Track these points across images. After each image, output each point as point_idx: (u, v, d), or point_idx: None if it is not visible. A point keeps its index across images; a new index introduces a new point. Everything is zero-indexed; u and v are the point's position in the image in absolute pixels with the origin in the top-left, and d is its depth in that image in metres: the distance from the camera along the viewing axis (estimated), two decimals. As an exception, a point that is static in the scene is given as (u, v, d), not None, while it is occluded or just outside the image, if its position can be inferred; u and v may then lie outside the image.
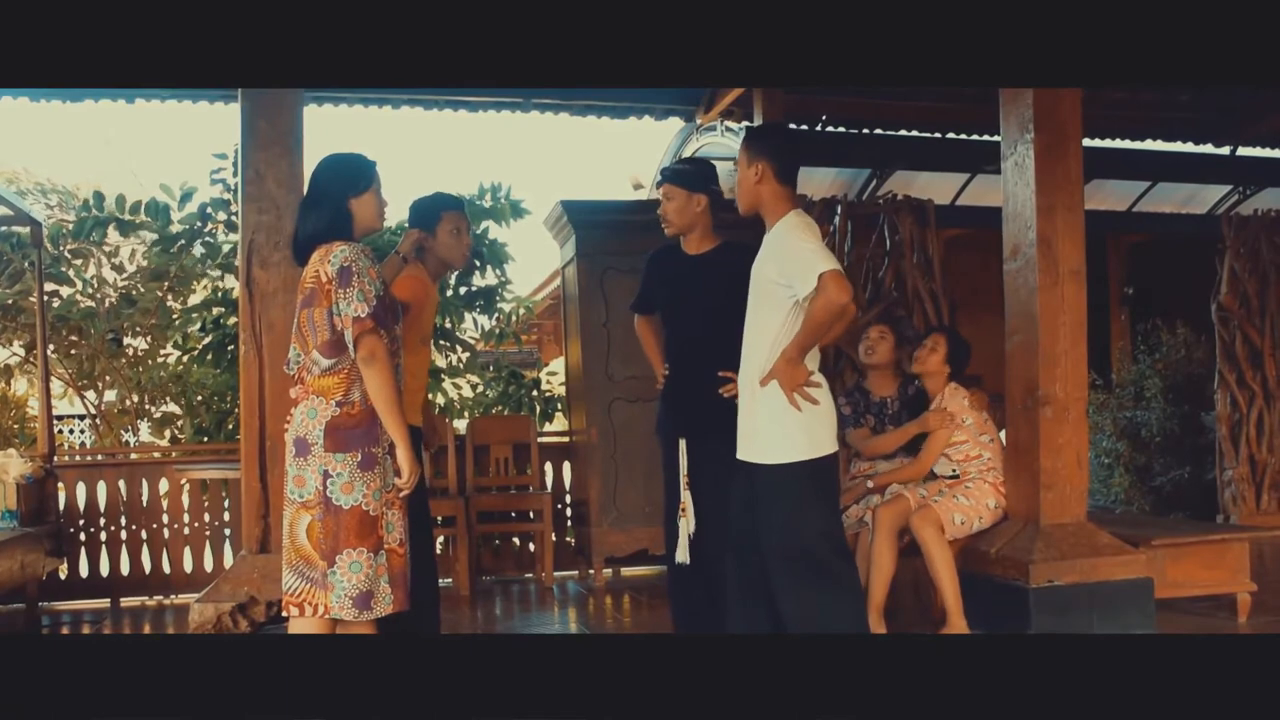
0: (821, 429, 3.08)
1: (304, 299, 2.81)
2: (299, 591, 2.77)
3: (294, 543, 2.78)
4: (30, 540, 4.91)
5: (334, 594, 2.73)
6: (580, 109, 6.97)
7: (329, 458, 2.75)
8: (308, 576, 2.76)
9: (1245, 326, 6.91)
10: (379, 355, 2.75)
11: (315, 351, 2.79)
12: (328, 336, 2.77)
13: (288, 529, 2.80)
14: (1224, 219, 7.13)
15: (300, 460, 2.77)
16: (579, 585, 5.90)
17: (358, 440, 2.78)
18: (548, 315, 11.53)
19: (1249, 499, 6.82)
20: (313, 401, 2.80)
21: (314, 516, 2.74)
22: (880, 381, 4.57)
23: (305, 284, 2.82)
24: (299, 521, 2.77)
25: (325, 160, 2.97)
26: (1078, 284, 4.10)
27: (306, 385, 2.82)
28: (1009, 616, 3.91)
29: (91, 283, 6.81)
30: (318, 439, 2.75)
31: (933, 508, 3.99)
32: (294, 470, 2.78)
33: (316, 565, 2.74)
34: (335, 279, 2.75)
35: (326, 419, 2.77)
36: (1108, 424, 7.99)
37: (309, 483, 2.76)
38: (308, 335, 2.80)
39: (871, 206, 6.47)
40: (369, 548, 2.76)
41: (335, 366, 2.79)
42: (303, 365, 2.83)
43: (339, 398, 2.79)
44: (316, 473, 2.75)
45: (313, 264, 2.82)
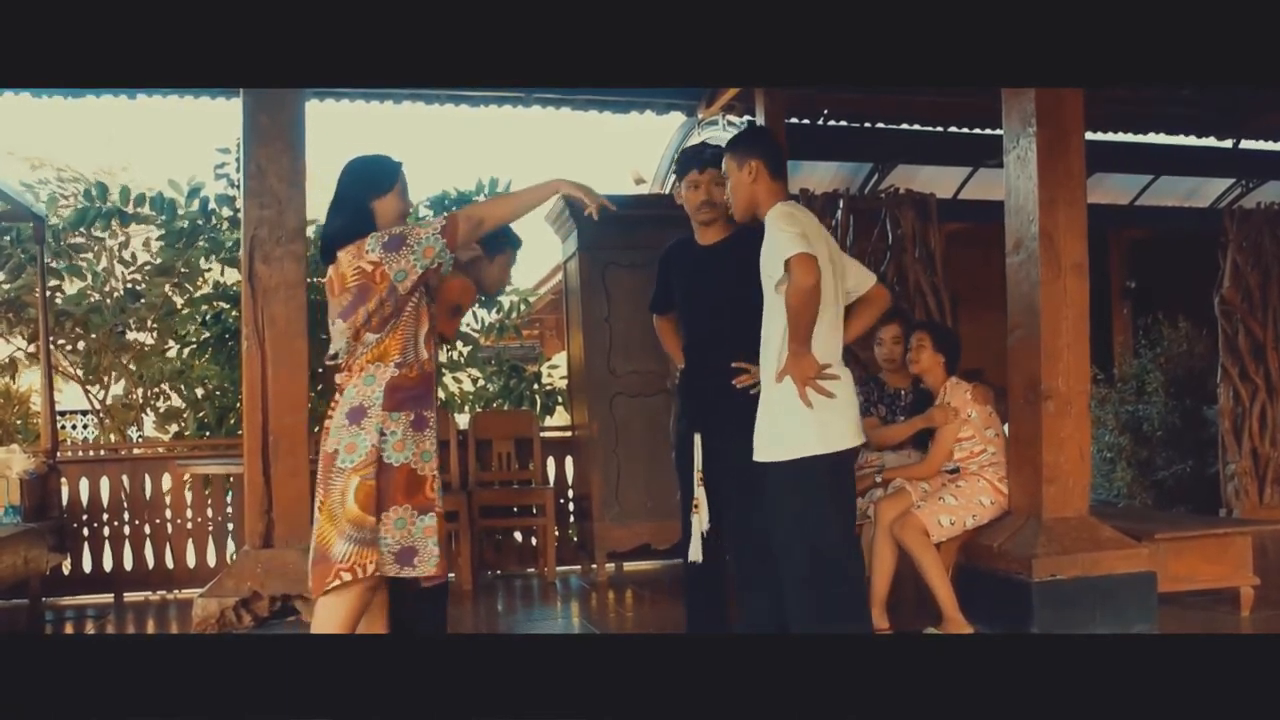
0: (836, 423, 3.04)
1: (353, 298, 2.82)
2: (348, 555, 2.76)
3: (344, 510, 2.77)
4: (33, 535, 4.91)
5: (379, 551, 2.77)
6: (582, 104, 6.96)
7: (385, 416, 2.80)
8: (358, 539, 2.76)
9: (1247, 320, 6.90)
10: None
11: (368, 334, 2.83)
12: (389, 312, 2.82)
13: (338, 499, 2.79)
14: (1226, 213, 7.12)
15: (353, 428, 2.81)
16: (581, 580, 5.90)
17: (413, 402, 2.86)
18: (549, 310, 11.51)
19: (1251, 493, 6.82)
20: (370, 369, 2.85)
21: (363, 477, 2.77)
22: (896, 375, 4.58)
23: (347, 283, 2.83)
24: (349, 487, 2.78)
25: (351, 162, 3.00)
26: (1080, 278, 4.10)
27: (359, 362, 2.86)
28: (1011, 611, 3.91)
29: (100, 276, 6.81)
30: (375, 400, 2.81)
31: (915, 515, 3.99)
32: (345, 439, 2.80)
33: (366, 524, 2.77)
34: (384, 251, 2.79)
35: (387, 380, 2.83)
36: (1110, 418, 7.98)
37: (361, 446, 2.79)
38: (360, 326, 2.83)
39: (873, 201, 6.47)
40: (415, 506, 2.83)
41: (386, 335, 2.84)
42: (351, 352, 2.87)
43: (398, 358, 2.85)
44: (372, 432, 2.79)
45: (346, 263, 2.84)
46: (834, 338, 3.14)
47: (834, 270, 3.16)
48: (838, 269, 3.20)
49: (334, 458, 2.81)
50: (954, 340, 4.31)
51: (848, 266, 3.32)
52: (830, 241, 3.23)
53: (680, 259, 3.66)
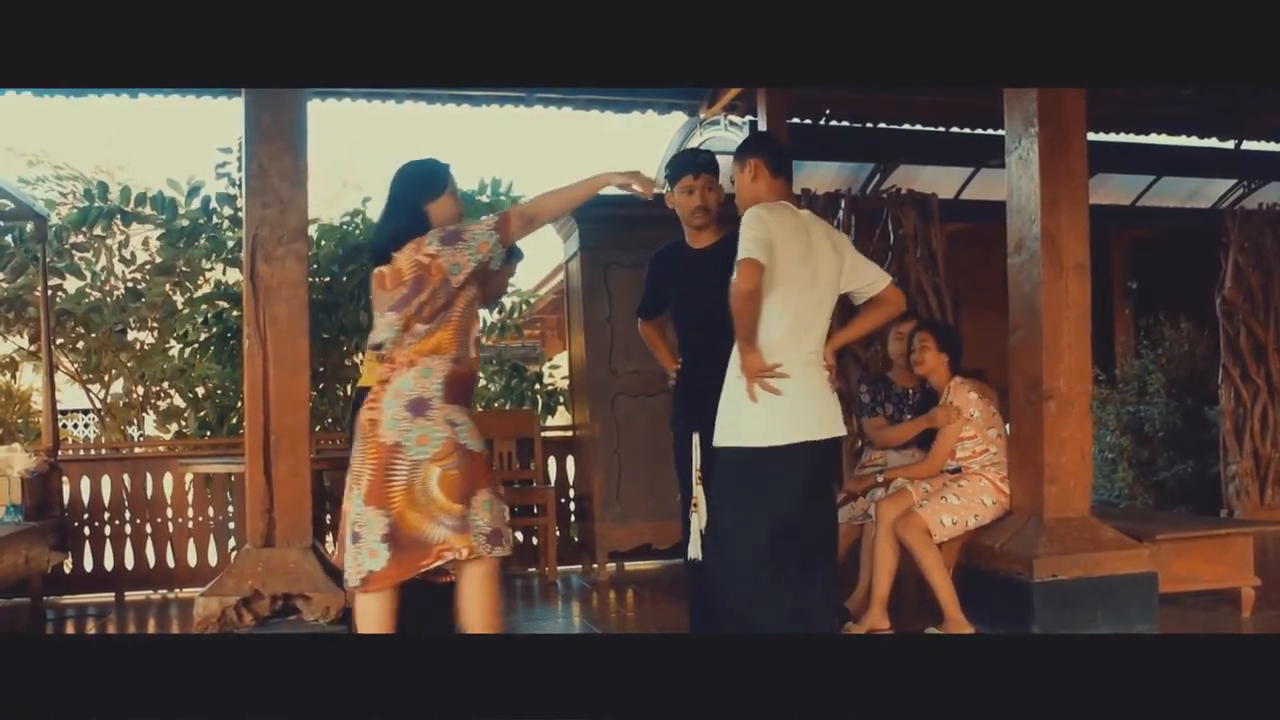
0: (781, 419, 3.12)
1: (409, 290, 2.88)
2: (443, 540, 2.85)
3: (431, 500, 2.85)
4: (34, 534, 4.92)
5: (473, 534, 2.87)
6: (583, 104, 6.97)
7: (450, 408, 2.90)
8: (450, 525, 2.85)
9: (1249, 321, 6.90)
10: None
11: (417, 325, 2.90)
12: (440, 304, 2.89)
13: (421, 489, 2.85)
14: (1228, 213, 7.12)
15: (420, 420, 2.87)
16: (582, 580, 5.90)
17: (466, 396, 3.00)
18: (551, 309, 11.51)
19: (1253, 493, 6.81)
20: (426, 362, 2.90)
21: (445, 467, 2.85)
22: (904, 374, 4.58)
23: (404, 276, 2.89)
24: (429, 477, 2.85)
25: (401, 168, 3.08)
26: (1081, 278, 4.10)
27: (406, 354, 2.91)
28: (1012, 611, 3.91)
29: (100, 275, 6.82)
30: (436, 393, 2.89)
31: (918, 514, 4.00)
32: (414, 431, 2.86)
33: (454, 512, 2.85)
34: (441, 245, 2.88)
35: (445, 374, 2.91)
36: (1111, 419, 7.98)
37: (434, 437, 2.86)
38: (411, 316, 2.89)
39: (875, 201, 6.46)
40: (493, 490, 2.96)
41: (436, 327, 2.91)
42: (398, 343, 2.92)
43: (454, 354, 2.94)
44: (442, 424, 2.87)
45: (404, 258, 2.90)
46: (801, 336, 3.19)
47: (818, 271, 3.20)
48: (823, 269, 3.23)
49: (399, 449, 2.86)
50: (957, 340, 4.32)
51: (858, 267, 3.35)
52: (818, 241, 3.25)
53: (673, 262, 3.72)
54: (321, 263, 6.53)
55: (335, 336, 6.51)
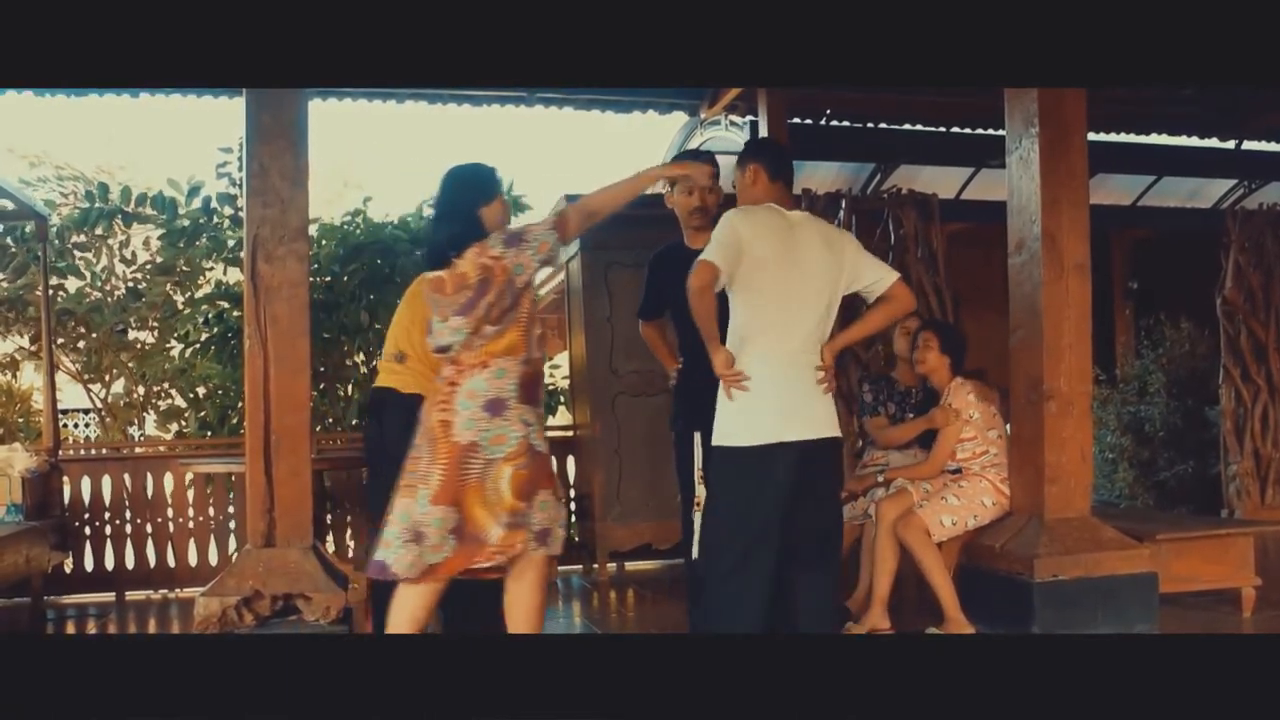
0: (749, 419, 3.13)
1: (474, 293, 2.95)
2: (499, 539, 2.93)
3: (501, 499, 2.93)
4: (35, 534, 4.92)
5: (526, 531, 2.96)
6: (584, 104, 6.96)
7: (524, 409, 2.99)
8: (510, 523, 2.94)
9: (1250, 321, 6.89)
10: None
11: (486, 327, 2.97)
12: (507, 305, 2.97)
13: (492, 487, 2.93)
14: (1228, 213, 7.11)
15: (497, 420, 2.94)
16: (583, 580, 5.91)
17: (539, 395, 3.09)
18: (551, 309, 11.49)
19: (1253, 493, 6.80)
20: (498, 364, 2.97)
21: (517, 466, 2.94)
22: (908, 372, 4.58)
23: (469, 280, 2.96)
24: (501, 476, 2.93)
25: (453, 172, 3.14)
26: (1082, 278, 4.10)
27: (473, 356, 2.97)
28: (1013, 611, 3.91)
29: (101, 275, 6.82)
30: (511, 393, 2.96)
31: (917, 515, 4.00)
32: (491, 431, 2.93)
33: (520, 510, 2.95)
34: (504, 247, 2.97)
35: (518, 375, 2.99)
36: (1111, 419, 7.98)
37: (510, 437, 2.94)
38: (480, 319, 2.95)
39: (875, 201, 6.47)
40: (552, 490, 3.06)
41: (504, 327, 2.98)
42: (467, 346, 2.98)
43: (524, 355, 3.01)
44: (517, 424, 2.96)
45: (468, 262, 2.97)
46: (781, 336, 3.17)
47: (805, 271, 3.19)
48: (811, 269, 3.20)
49: (475, 448, 2.92)
50: (961, 342, 4.30)
51: (861, 265, 3.33)
52: (807, 240, 3.23)
53: (672, 263, 3.72)
54: (322, 262, 6.54)
55: (336, 336, 6.52)
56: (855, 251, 3.35)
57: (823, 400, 3.23)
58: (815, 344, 3.23)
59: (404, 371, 3.75)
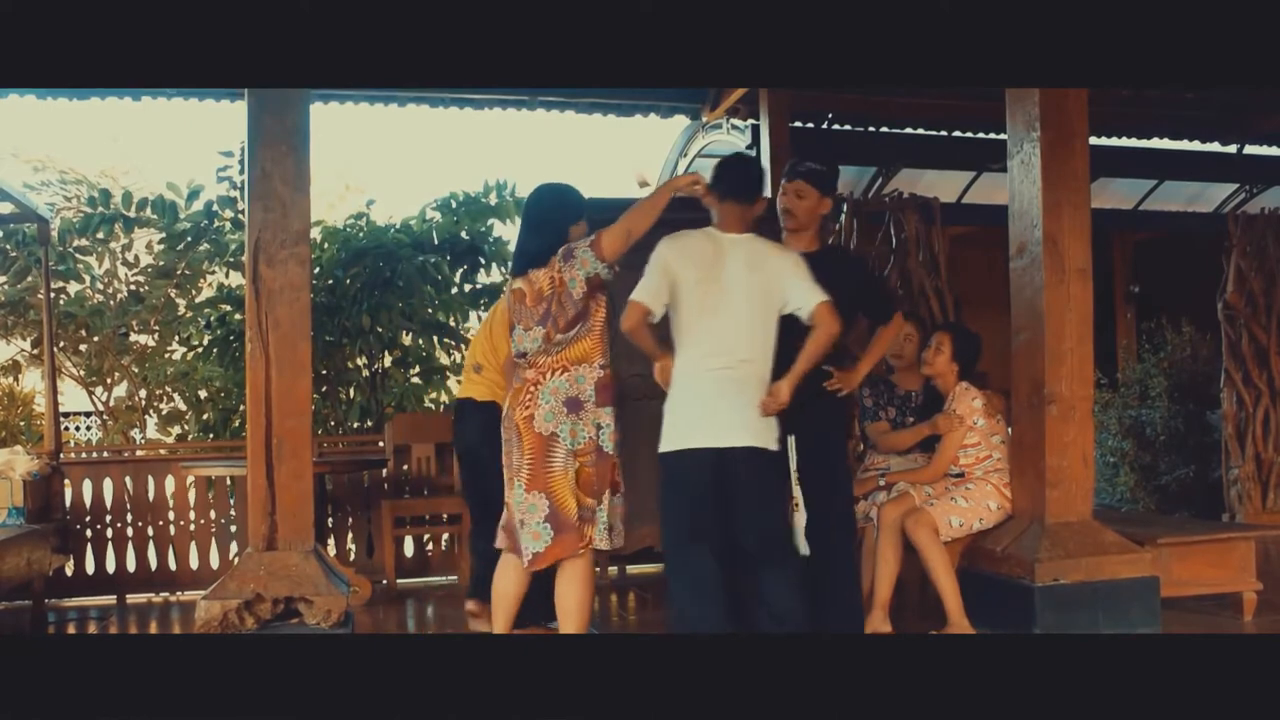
0: (672, 428, 3.37)
1: (547, 305, 3.29)
2: (586, 529, 3.27)
3: (572, 488, 3.26)
4: (36, 537, 4.92)
5: (597, 527, 3.28)
6: (585, 107, 6.98)
7: (600, 411, 3.30)
8: (585, 516, 3.28)
9: (1251, 325, 6.88)
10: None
11: (557, 334, 3.29)
12: (572, 313, 3.27)
13: (571, 477, 3.26)
14: (1230, 217, 7.10)
15: (574, 417, 3.27)
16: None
17: (613, 398, 3.37)
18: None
19: (1255, 497, 6.79)
20: (578, 369, 3.31)
21: (585, 464, 3.28)
22: (907, 376, 4.56)
23: (545, 293, 3.30)
24: (571, 468, 3.27)
25: (545, 190, 3.48)
26: (1084, 282, 4.10)
27: (551, 361, 3.31)
28: (1014, 615, 3.90)
29: (102, 279, 6.83)
30: (589, 396, 3.29)
31: (927, 511, 3.99)
32: (568, 425, 3.26)
33: (587, 504, 3.28)
34: (563, 261, 3.28)
35: (595, 379, 3.31)
36: (1113, 422, 7.96)
37: (581, 435, 3.28)
38: (550, 328, 3.29)
39: (877, 204, 6.47)
40: (616, 490, 3.39)
41: (577, 334, 3.30)
42: (540, 350, 3.31)
43: (601, 361, 3.34)
44: (589, 425, 3.29)
45: (543, 276, 3.31)
46: (705, 355, 3.33)
47: (726, 291, 3.32)
48: (733, 291, 3.33)
49: (555, 439, 3.25)
50: (975, 350, 4.27)
51: (786, 286, 3.38)
52: (733, 263, 3.35)
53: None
54: (324, 266, 6.55)
55: (338, 339, 6.52)
56: (789, 274, 3.38)
57: (752, 413, 3.31)
58: (755, 359, 3.34)
59: (480, 382, 4.15)
